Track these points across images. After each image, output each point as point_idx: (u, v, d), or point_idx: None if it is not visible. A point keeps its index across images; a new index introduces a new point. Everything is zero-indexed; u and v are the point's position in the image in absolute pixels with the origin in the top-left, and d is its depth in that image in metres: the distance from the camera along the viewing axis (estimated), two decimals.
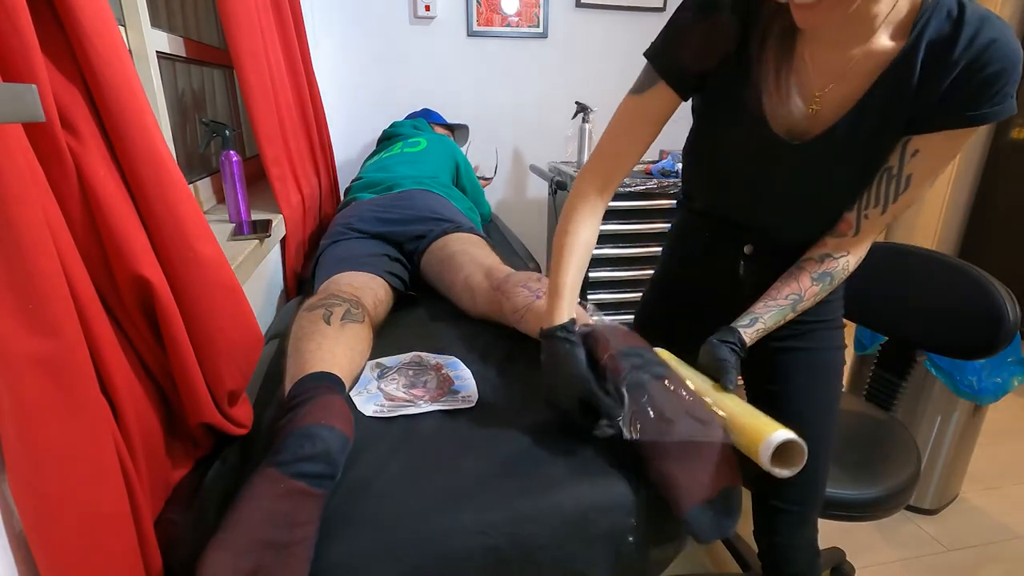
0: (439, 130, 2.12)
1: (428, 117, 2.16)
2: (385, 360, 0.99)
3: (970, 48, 0.60)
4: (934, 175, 0.69)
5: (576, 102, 2.06)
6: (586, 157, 2.07)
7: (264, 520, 0.57)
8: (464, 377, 0.94)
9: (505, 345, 1.05)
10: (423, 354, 1.01)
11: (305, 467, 0.61)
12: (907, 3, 0.63)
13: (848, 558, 1.43)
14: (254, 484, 0.60)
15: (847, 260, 0.75)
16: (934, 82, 0.63)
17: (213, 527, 0.57)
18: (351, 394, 0.87)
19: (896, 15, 0.63)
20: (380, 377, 0.94)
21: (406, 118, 2.13)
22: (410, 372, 0.95)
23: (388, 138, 2.00)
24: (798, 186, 0.75)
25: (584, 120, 2.06)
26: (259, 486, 0.60)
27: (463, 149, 2.26)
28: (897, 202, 0.70)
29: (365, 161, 1.87)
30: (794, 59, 0.69)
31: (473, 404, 0.86)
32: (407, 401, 0.86)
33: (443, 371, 0.96)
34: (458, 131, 2.23)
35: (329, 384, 0.75)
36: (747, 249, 0.84)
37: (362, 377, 0.93)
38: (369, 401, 0.86)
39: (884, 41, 0.65)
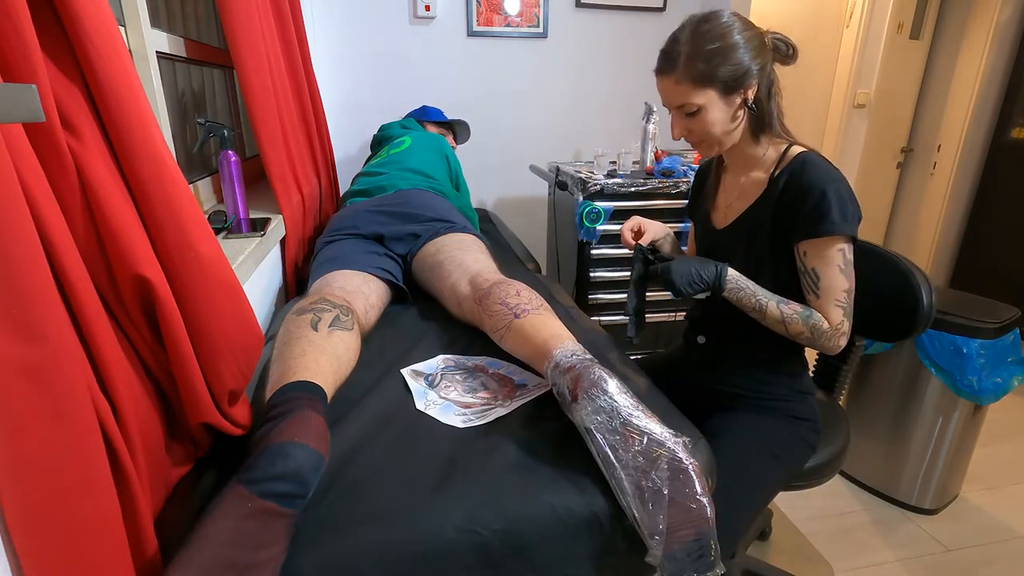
0: (433, 128, 2.06)
1: (423, 115, 2.09)
2: (419, 367, 0.96)
3: (803, 184, 0.91)
4: (829, 265, 0.92)
5: (645, 103, 2.11)
6: (649, 155, 2.10)
7: (229, 539, 0.55)
8: (515, 370, 0.93)
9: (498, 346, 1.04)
10: (453, 357, 0.99)
11: (275, 486, 0.59)
12: (774, 151, 0.99)
13: (848, 558, 1.44)
14: (222, 500, 0.58)
15: (820, 315, 0.95)
16: (788, 203, 0.94)
17: None
18: (418, 407, 0.85)
19: (768, 158, 0.99)
20: (431, 386, 0.90)
21: (405, 116, 2.08)
22: (458, 377, 0.93)
23: (378, 143, 1.94)
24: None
25: (648, 121, 2.10)
26: (227, 503, 0.57)
27: (463, 145, 2.20)
28: (820, 287, 0.93)
29: (361, 169, 1.82)
30: (720, 182, 1.11)
31: (549, 387, 0.84)
32: (486, 404, 0.85)
33: (491, 371, 0.94)
34: (458, 127, 2.17)
35: (309, 396, 0.72)
36: (700, 339, 1.13)
37: (413, 387, 0.90)
38: (447, 411, 0.84)
39: (760, 174, 1.00)
